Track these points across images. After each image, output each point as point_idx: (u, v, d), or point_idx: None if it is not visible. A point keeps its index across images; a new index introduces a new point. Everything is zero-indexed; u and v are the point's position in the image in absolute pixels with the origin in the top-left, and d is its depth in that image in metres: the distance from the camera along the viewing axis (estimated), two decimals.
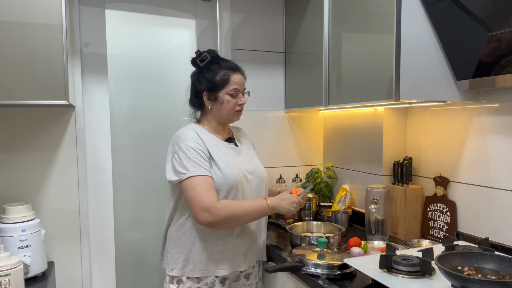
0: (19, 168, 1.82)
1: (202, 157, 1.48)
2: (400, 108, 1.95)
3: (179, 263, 1.52)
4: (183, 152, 1.47)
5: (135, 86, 2.21)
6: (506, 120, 1.51)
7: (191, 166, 1.45)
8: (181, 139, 1.50)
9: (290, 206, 1.55)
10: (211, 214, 1.41)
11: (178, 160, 1.47)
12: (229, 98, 1.55)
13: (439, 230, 1.77)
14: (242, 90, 1.58)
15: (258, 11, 2.26)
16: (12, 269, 1.37)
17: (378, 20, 1.55)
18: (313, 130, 2.44)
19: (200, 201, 1.42)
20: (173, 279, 1.54)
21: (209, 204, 1.41)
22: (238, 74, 1.57)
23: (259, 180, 1.62)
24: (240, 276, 1.64)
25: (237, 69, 1.58)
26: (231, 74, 1.55)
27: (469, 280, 1.05)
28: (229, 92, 1.54)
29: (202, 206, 1.41)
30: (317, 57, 1.95)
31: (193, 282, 1.52)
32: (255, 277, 1.69)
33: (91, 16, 1.96)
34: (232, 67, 1.57)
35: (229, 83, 1.54)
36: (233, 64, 1.59)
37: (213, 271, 1.52)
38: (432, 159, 1.83)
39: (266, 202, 1.51)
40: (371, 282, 1.33)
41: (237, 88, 1.55)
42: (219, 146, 1.56)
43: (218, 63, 1.57)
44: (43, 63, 1.50)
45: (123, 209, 2.19)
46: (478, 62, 1.42)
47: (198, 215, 1.43)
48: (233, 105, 1.56)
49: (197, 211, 1.42)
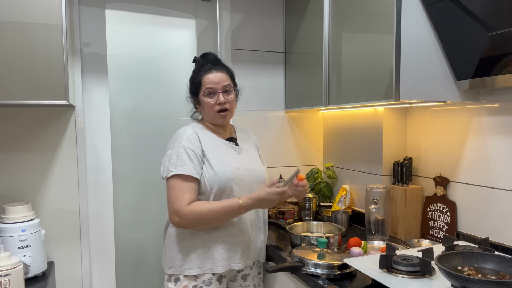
0: (19, 168, 1.82)
1: (190, 157, 1.49)
2: (400, 108, 1.95)
3: (177, 261, 1.53)
4: (175, 150, 1.51)
5: (135, 86, 2.21)
6: (506, 120, 1.51)
7: (178, 165, 1.48)
8: (178, 137, 1.54)
9: (268, 196, 1.46)
10: (180, 218, 1.46)
11: (169, 157, 1.52)
12: (206, 99, 1.56)
13: (439, 230, 1.77)
14: (219, 88, 1.55)
15: (258, 11, 2.26)
16: (12, 269, 1.37)
17: (378, 20, 1.55)
18: (313, 130, 2.44)
19: (172, 203, 1.48)
20: (171, 277, 1.55)
21: (178, 208, 1.46)
22: (212, 73, 1.55)
23: (258, 180, 1.61)
24: (237, 276, 1.64)
25: (211, 69, 1.56)
26: (203, 75, 1.56)
27: (469, 280, 1.05)
28: (204, 93, 1.56)
29: (173, 209, 1.47)
30: (317, 57, 1.95)
31: (190, 280, 1.52)
32: (253, 279, 1.68)
33: (91, 16, 1.96)
34: (207, 68, 1.57)
35: (202, 85, 1.56)
36: (210, 65, 1.58)
37: (210, 268, 1.53)
38: (432, 159, 1.83)
39: (237, 202, 1.46)
40: (371, 282, 1.33)
41: (210, 87, 1.55)
42: (217, 145, 1.57)
43: (200, 67, 1.60)
44: (43, 63, 1.50)
45: (123, 209, 2.19)
46: (478, 62, 1.42)
47: (170, 216, 1.50)
48: (212, 105, 1.56)
49: (169, 213, 1.50)
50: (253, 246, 1.65)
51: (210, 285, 1.53)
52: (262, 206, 1.55)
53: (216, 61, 1.61)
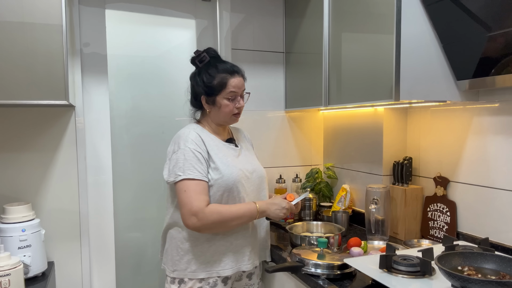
0: (19, 168, 1.82)
1: (199, 160, 1.48)
2: (400, 108, 1.95)
3: (181, 264, 1.52)
4: (182, 154, 1.47)
5: (135, 86, 2.21)
6: (506, 120, 1.51)
7: (186, 169, 1.45)
8: (182, 140, 1.50)
9: (279, 211, 1.54)
10: (199, 219, 1.42)
11: (175, 160, 1.48)
12: (227, 102, 1.54)
13: (439, 230, 1.77)
14: (240, 92, 1.56)
15: (258, 11, 2.26)
16: (12, 269, 1.37)
17: (378, 20, 1.55)
18: (313, 130, 2.44)
19: (189, 205, 1.42)
20: (175, 280, 1.54)
21: (197, 209, 1.42)
22: (236, 77, 1.54)
23: (259, 180, 1.62)
24: (242, 275, 1.64)
25: (235, 72, 1.55)
26: (229, 78, 1.53)
27: (469, 280, 1.05)
28: (227, 97, 1.53)
29: (191, 211, 1.42)
30: (317, 57, 1.95)
31: (195, 282, 1.51)
32: (257, 277, 1.69)
33: (91, 16, 1.96)
34: (230, 70, 1.54)
35: (226, 87, 1.53)
36: (230, 66, 1.56)
37: (217, 271, 1.52)
38: (432, 159, 1.83)
39: (255, 206, 1.50)
40: (371, 282, 1.33)
41: (234, 91, 1.54)
42: (220, 147, 1.56)
43: (216, 66, 1.55)
44: (43, 63, 1.50)
45: (123, 209, 2.19)
46: (478, 62, 1.42)
47: (186, 219, 1.44)
48: (231, 109, 1.55)
49: (186, 215, 1.44)
50: (261, 246, 1.66)
51: (215, 287, 1.52)
52: (272, 213, 1.54)
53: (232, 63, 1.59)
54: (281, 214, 1.54)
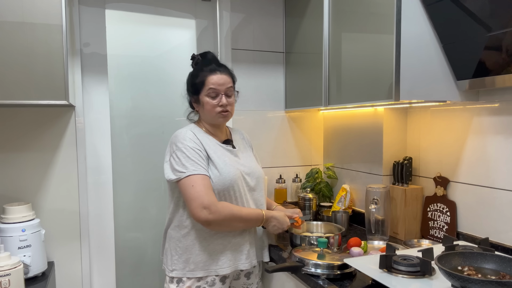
0: (19, 168, 1.82)
1: (201, 156, 1.49)
2: (400, 108, 1.95)
3: (180, 264, 1.52)
4: (182, 152, 1.48)
5: (135, 86, 2.21)
6: (506, 120, 1.51)
7: (190, 165, 1.46)
8: (179, 139, 1.51)
9: (276, 228, 1.60)
10: (211, 212, 1.42)
11: (176, 159, 1.48)
12: (207, 99, 1.55)
13: (439, 230, 1.77)
14: (222, 90, 1.56)
15: (258, 11, 2.26)
16: (12, 269, 1.37)
17: (378, 20, 1.55)
18: (313, 130, 2.44)
19: (200, 198, 1.42)
20: (173, 279, 1.54)
21: (210, 203, 1.42)
22: (216, 74, 1.55)
23: (257, 181, 1.62)
24: (240, 274, 1.64)
25: (216, 70, 1.56)
26: (208, 75, 1.55)
27: (469, 280, 1.05)
28: (207, 93, 1.55)
29: (203, 204, 1.42)
30: (317, 57, 1.95)
31: (193, 281, 1.52)
32: (256, 277, 1.69)
33: (91, 16, 1.96)
34: (212, 69, 1.56)
35: (205, 85, 1.55)
36: (215, 66, 1.57)
37: (215, 270, 1.52)
38: (432, 159, 1.83)
39: (262, 214, 1.55)
40: (371, 282, 1.33)
41: (213, 88, 1.54)
42: (216, 147, 1.57)
43: (202, 66, 1.58)
44: (43, 63, 1.50)
45: (123, 209, 2.19)
46: (478, 62, 1.42)
47: (197, 211, 1.43)
48: (212, 106, 1.55)
49: (196, 208, 1.43)
50: (259, 245, 1.66)
51: (213, 286, 1.53)
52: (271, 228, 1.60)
53: (219, 62, 1.61)
54: (276, 232, 1.62)
